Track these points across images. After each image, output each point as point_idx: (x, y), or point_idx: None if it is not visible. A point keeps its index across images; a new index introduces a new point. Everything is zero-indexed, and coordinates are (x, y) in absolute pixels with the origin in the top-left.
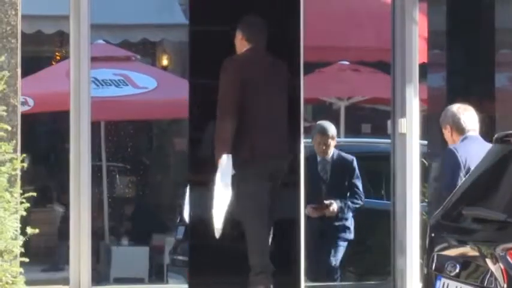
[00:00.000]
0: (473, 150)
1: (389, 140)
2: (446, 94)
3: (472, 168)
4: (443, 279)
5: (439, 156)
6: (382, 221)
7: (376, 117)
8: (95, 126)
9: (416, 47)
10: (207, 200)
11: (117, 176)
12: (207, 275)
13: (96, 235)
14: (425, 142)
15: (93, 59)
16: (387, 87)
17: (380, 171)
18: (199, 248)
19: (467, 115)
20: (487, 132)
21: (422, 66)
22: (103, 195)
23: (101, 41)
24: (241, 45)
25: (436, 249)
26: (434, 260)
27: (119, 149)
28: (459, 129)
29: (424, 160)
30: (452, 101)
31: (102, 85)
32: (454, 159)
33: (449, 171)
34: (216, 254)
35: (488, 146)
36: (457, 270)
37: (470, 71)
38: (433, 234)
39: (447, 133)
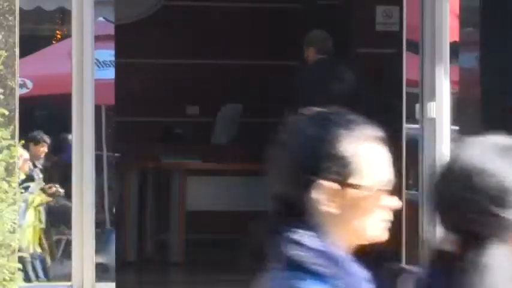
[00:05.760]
0: None
1: (417, 126)
2: (479, 75)
3: None
4: None
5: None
6: (409, 213)
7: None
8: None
9: (447, 25)
10: None
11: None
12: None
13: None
14: (457, 128)
15: (96, 38)
16: (415, 68)
17: (407, 159)
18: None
19: None
20: None
21: (453, 46)
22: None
23: (101, 19)
24: None
25: None
26: None
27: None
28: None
29: None
30: (485, 82)
31: (103, 66)
32: None
33: None
34: None
35: None
36: None
37: (505, 50)
38: None
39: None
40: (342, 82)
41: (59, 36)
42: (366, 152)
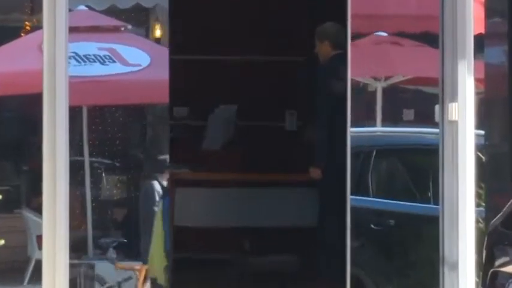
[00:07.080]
0: None
1: (437, 130)
2: (507, 72)
3: None
4: None
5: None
6: (428, 230)
7: (420, 101)
8: (75, 112)
9: (471, 15)
10: None
11: (103, 174)
12: None
13: (76, 248)
14: (482, 132)
15: (73, 30)
16: (434, 64)
17: (426, 168)
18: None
19: None
20: None
21: (478, 38)
22: (85, 198)
23: (82, 7)
24: None
25: (495, 264)
26: (493, 278)
27: (104, 141)
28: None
29: (480, 154)
30: None
31: (85, 62)
32: None
33: None
34: None
35: None
36: None
37: None
38: (491, 246)
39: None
40: None
41: (28, 27)
42: None
